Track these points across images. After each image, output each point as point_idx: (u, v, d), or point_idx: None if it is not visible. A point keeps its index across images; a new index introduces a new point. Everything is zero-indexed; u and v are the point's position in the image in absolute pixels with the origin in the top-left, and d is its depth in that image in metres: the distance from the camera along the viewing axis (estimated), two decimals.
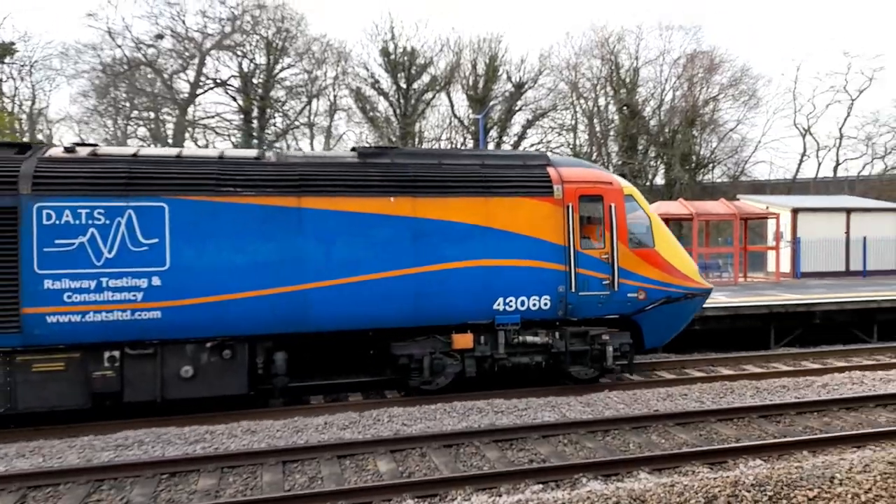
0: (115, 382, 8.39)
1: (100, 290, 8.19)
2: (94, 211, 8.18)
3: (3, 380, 8.04)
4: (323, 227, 8.93)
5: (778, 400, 9.45)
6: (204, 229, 8.53)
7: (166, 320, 8.40)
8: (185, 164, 8.79)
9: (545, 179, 9.94)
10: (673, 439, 7.96)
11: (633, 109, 42.02)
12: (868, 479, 6.20)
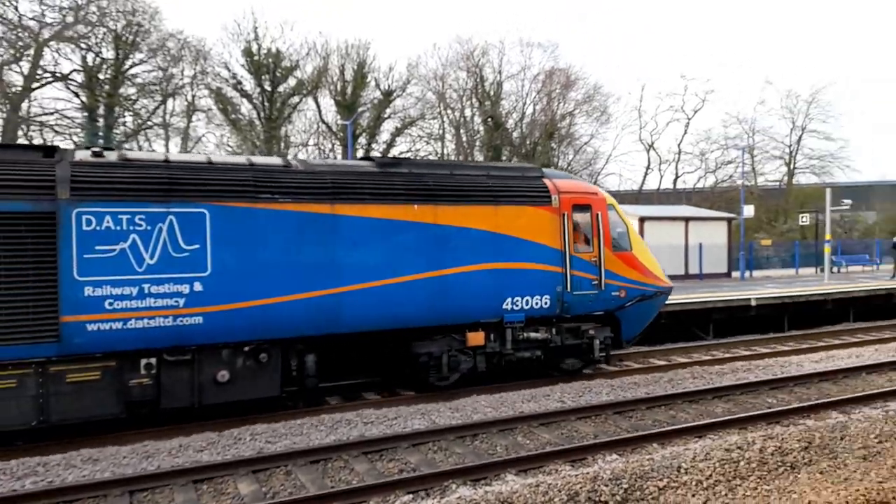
0: (151, 390, 8.29)
1: (142, 296, 8.04)
2: (136, 217, 8.04)
3: (36, 391, 7.68)
4: (355, 232, 9.26)
5: (630, 396, 10.08)
6: (243, 235, 8.59)
7: (208, 325, 8.37)
8: (224, 171, 8.80)
9: (544, 190, 10.81)
10: (537, 439, 8.23)
11: (497, 121, 43.63)
12: (709, 466, 6.76)
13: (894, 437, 7.70)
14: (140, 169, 8.35)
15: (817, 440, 7.52)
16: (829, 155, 49.34)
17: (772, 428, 8.32)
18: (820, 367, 12.03)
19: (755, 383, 10.71)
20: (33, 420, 7.73)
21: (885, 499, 5.87)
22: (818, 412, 9.09)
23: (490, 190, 10.41)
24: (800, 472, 6.73)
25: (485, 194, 10.33)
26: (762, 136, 50.65)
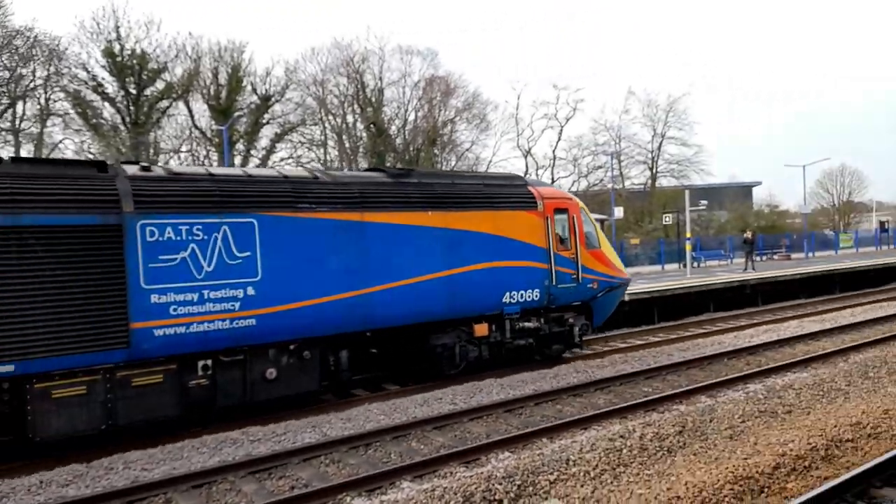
0: (208, 390, 8.77)
1: (202, 301, 8.51)
2: (193, 227, 8.52)
3: (104, 397, 8.00)
4: (381, 237, 10.17)
5: (519, 393, 10.34)
6: (287, 242, 9.26)
7: (259, 327, 8.95)
8: (265, 183, 9.46)
9: (531, 196, 12.15)
10: (431, 443, 8.22)
11: (380, 128, 43.57)
12: (595, 456, 7.05)
13: (755, 416, 8.43)
14: (191, 182, 8.91)
15: (689, 424, 8.08)
16: (686, 160, 53.77)
17: (649, 415, 8.84)
18: (688, 355, 12.97)
19: (632, 374, 11.36)
20: (102, 424, 8.04)
21: (750, 473, 6.39)
22: (689, 398, 9.79)
23: (488, 197, 11.66)
24: (676, 455, 7.18)
25: (484, 201, 11.55)
26: (628, 143, 54.31)
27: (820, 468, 6.71)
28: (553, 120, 51.34)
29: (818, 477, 6.48)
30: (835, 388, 9.73)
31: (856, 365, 11.18)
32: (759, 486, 6.22)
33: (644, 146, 54.33)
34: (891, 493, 5.97)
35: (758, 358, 12.73)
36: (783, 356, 12.73)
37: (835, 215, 75.20)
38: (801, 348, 13.55)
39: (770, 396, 9.34)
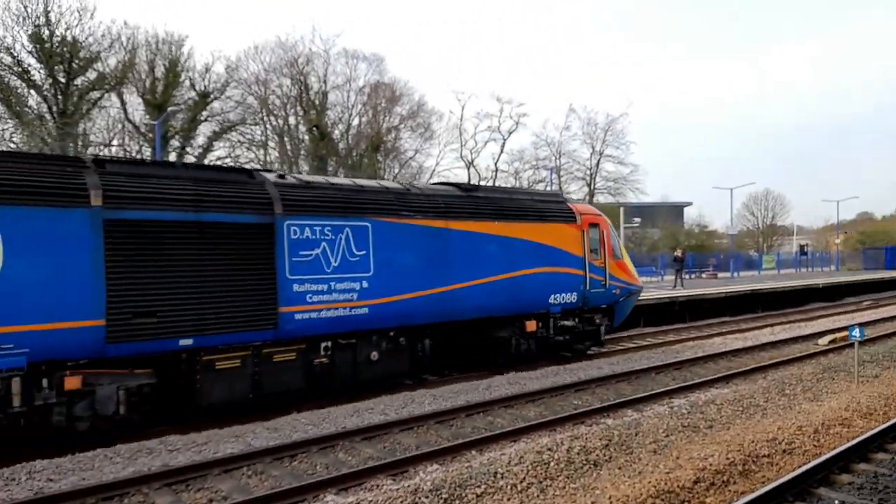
0: (327, 368, 10.29)
1: (330, 291, 10.09)
2: (325, 228, 10.11)
3: (252, 370, 9.40)
4: (460, 242, 11.89)
5: (451, 405, 10.28)
6: (392, 243, 10.92)
7: (370, 315, 10.57)
8: (375, 192, 11.20)
9: (571, 212, 14.18)
10: (359, 455, 8.04)
11: (323, 131, 42.92)
12: (522, 469, 7.05)
13: (678, 430, 8.64)
14: (321, 190, 10.55)
15: (616, 438, 8.20)
16: (623, 178, 55.13)
17: (577, 428, 8.93)
18: (617, 369, 13.23)
19: (563, 386, 11.49)
20: (249, 394, 9.46)
21: (672, 488, 6.52)
22: (616, 411, 9.96)
23: (538, 211, 13.51)
24: (602, 468, 7.26)
25: (535, 214, 13.37)
26: (567, 159, 55.31)
27: (737, 483, 6.91)
28: (496, 132, 51.89)
29: (735, 492, 6.67)
30: (754, 404, 10.10)
31: (774, 382, 11.66)
32: (679, 501, 6.34)
33: (583, 163, 55.55)
34: None
35: (683, 373, 13.11)
36: (707, 372, 13.16)
37: (759, 237, 79.05)
38: (724, 364, 14.05)
39: (693, 411, 9.60)
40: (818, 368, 12.85)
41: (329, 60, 43.73)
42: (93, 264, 8.12)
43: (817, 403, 10.10)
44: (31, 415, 7.81)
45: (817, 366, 13.22)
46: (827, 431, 8.61)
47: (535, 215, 13.36)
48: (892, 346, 15.71)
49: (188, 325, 8.75)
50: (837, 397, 10.47)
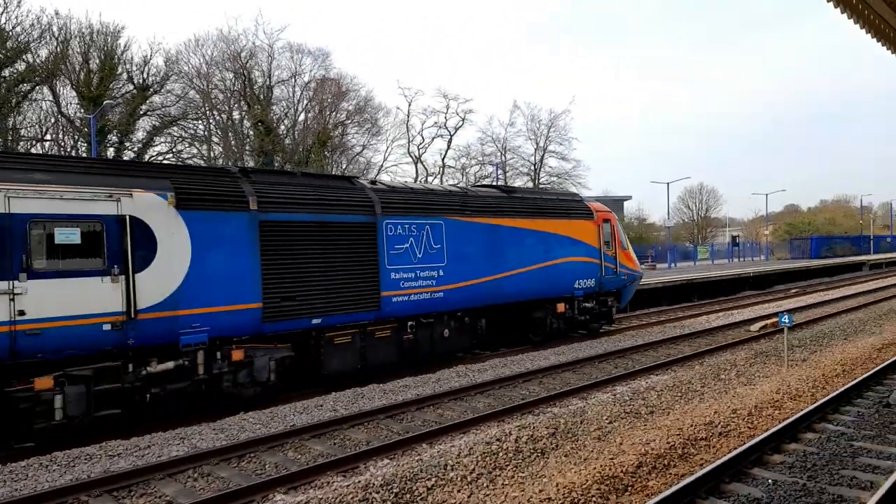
0: (412, 343, 12.27)
1: (416, 279, 12.10)
2: (411, 226, 12.15)
3: (360, 344, 11.41)
4: (506, 236, 14.05)
5: (402, 398, 10.32)
6: (460, 238, 13.05)
7: (444, 299, 12.67)
8: (444, 195, 13.40)
9: (589, 210, 16.69)
10: (309, 452, 7.99)
11: (269, 126, 42.11)
12: (472, 460, 7.15)
13: (621, 417, 8.92)
14: (406, 193, 12.79)
15: (562, 426, 8.41)
16: (566, 173, 56.13)
17: (525, 418, 9.11)
18: (562, 358, 13.53)
19: (510, 377, 11.68)
20: (357, 365, 11.41)
21: (616, 473, 6.74)
22: (562, 400, 10.20)
23: (564, 209, 15.96)
24: (549, 457, 7.44)
25: (563, 212, 15.81)
26: (512, 154, 55.94)
27: (678, 466, 7.20)
28: (443, 129, 51.99)
29: (676, 474, 6.94)
30: (692, 389, 10.51)
31: (710, 367, 12.15)
32: (623, 485, 6.57)
33: (528, 158, 56.28)
34: (738, 487, 6.51)
35: (625, 361, 13.51)
36: (647, 359, 13.60)
37: (694, 229, 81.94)
38: (664, 352, 14.55)
39: (635, 398, 9.92)
40: (751, 354, 13.46)
41: (273, 55, 42.95)
42: (252, 257, 10.06)
43: (750, 387, 10.59)
44: (210, 382, 9.65)
45: (750, 351, 13.84)
46: (760, 414, 9.04)
47: (562, 212, 15.84)
48: (817, 331, 16.57)
49: (318, 307, 10.86)
50: (769, 381, 11.00)
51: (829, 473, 6.78)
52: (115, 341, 8.61)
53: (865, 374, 10.82)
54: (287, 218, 10.51)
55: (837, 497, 6.16)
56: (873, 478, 6.59)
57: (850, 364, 12.35)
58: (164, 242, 9.10)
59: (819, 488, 6.35)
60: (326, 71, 45.54)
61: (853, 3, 6.30)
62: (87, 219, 8.53)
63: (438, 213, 12.82)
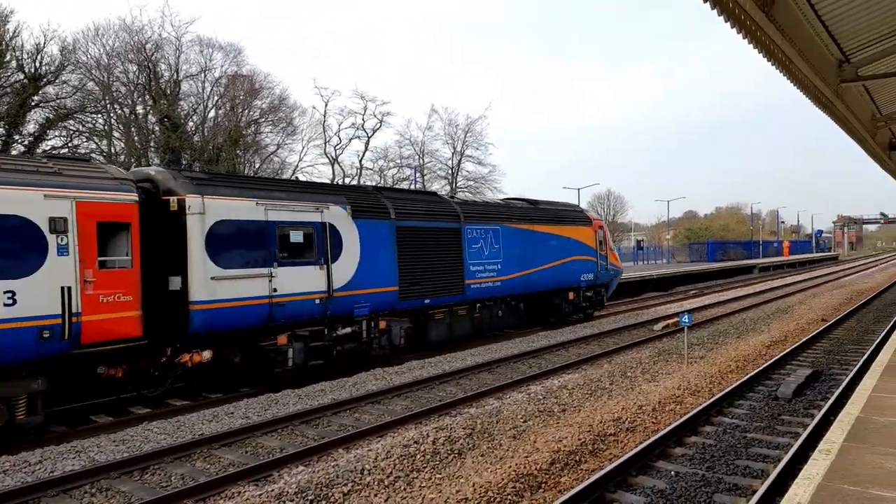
0: (478, 320, 16.20)
1: (484, 271, 16.02)
2: (480, 230, 16.09)
3: (449, 320, 15.34)
4: (538, 240, 18.02)
5: (317, 403, 10.12)
6: (510, 240, 16.93)
7: (501, 287, 16.54)
8: (498, 206, 17.85)
9: (588, 218, 21.21)
10: (219, 462, 7.68)
11: (176, 122, 40.24)
12: (389, 464, 7.11)
13: (535, 415, 9.14)
14: (476, 205, 17.02)
15: (479, 426, 8.51)
16: (482, 177, 57.05)
17: (442, 419, 9.16)
18: (478, 359, 13.71)
19: (429, 379, 11.72)
20: (447, 336, 15.09)
21: (530, 470, 6.89)
22: (479, 400, 10.33)
23: (571, 218, 20.33)
24: (466, 457, 7.51)
25: (572, 220, 20.20)
26: (430, 158, 56.23)
27: (588, 461, 7.45)
28: (360, 130, 51.52)
29: (587, 470, 7.19)
30: (601, 387, 10.92)
31: (617, 366, 12.67)
32: (537, 483, 6.72)
33: (445, 162, 56.79)
34: (644, 480, 6.81)
35: (539, 361, 13.87)
36: (559, 359, 14.02)
37: None
38: (575, 351, 15.04)
39: (548, 396, 10.20)
40: (654, 352, 14.15)
41: (181, 48, 41.08)
42: (392, 252, 13.62)
43: (655, 384, 11.12)
44: (367, 344, 13.00)
45: (654, 349, 14.55)
46: (663, 409, 9.52)
47: (571, 220, 20.10)
48: (714, 329, 17.65)
49: (428, 291, 14.44)
50: (671, 377, 11.60)
51: (726, 464, 7.23)
52: (321, 312, 12.03)
53: (756, 370, 11.62)
54: (411, 224, 14.26)
55: (733, 485, 6.58)
56: (764, 466, 7.08)
57: (743, 360, 13.22)
58: (346, 241, 12.63)
59: (717, 478, 6.75)
60: (239, 67, 44.07)
61: (748, 24, 6.76)
62: (306, 225, 11.91)
63: (496, 221, 16.81)
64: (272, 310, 11.04)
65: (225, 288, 10.41)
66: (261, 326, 10.95)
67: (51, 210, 8.55)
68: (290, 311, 11.35)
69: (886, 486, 4.58)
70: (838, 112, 11.15)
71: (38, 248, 8.40)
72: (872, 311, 22.20)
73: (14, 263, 8.18)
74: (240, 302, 10.62)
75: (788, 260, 64.96)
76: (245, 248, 10.84)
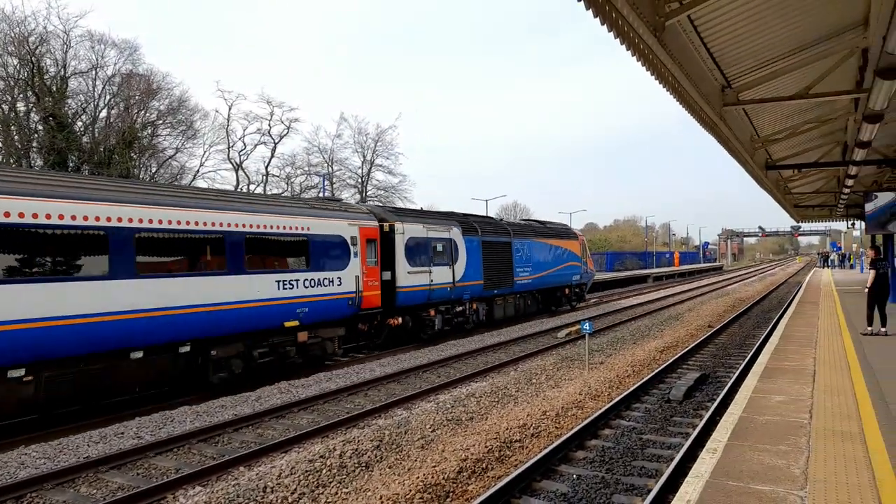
0: (517, 306, 23.47)
1: (523, 272, 23.16)
2: (521, 243, 23.30)
3: (504, 305, 22.24)
4: (550, 250, 25.68)
5: (217, 420, 9.68)
6: (536, 250, 24.48)
7: (531, 283, 23.92)
8: (530, 226, 26.12)
9: (576, 234, 29.25)
10: (107, 487, 7.18)
11: (62, 122, 37.55)
12: (294, 480, 6.90)
13: (444, 424, 9.18)
14: (518, 224, 26.18)
15: (387, 437, 8.44)
16: (392, 187, 57.06)
17: (350, 432, 9.01)
18: (388, 370, 13.63)
19: (335, 391, 11.50)
20: (502, 316, 22.40)
21: (438, 480, 6.90)
22: (387, 411, 10.25)
23: (567, 234, 28.11)
24: (373, 469, 7.42)
25: (567, 235, 27.87)
26: (339, 166, 55.61)
27: (495, 468, 7.56)
28: (266, 136, 50.16)
29: (493, 477, 7.28)
30: (507, 394, 11.13)
31: (523, 373, 12.98)
32: (445, 492, 6.74)
33: (355, 171, 56.36)
34: (548, 484, 6.99)
35: (447, 370, 13.96)
36: (467, 367, 14.18)
37: None
38: (482, 359, 15.27)
39: (456, 405, 10.28)
40: (558, 358, 14.61)
41: (70, 42, 38.47)
42: (480, 258, 20.26)
43: (558, 390, 11.47)
44: (464, 320, 19.85)
45: (557, 356, 15.02)
46: (566, 414, 9.82)
47: (567, 236, 27.86)
48: (612, 336, 18.47)
49: (494, 285, 21.00)
50: (573, 383, 12.01)
51: (623, 465, 7.55)
52: (448, 296, 18.54)
53: (651, 374, 12.25)
54: (488, 239, 21.22)
55: (630, 486, 6.88)
56: (658, 466, 7.45)
57: (639, 365, 13.90)
58: (460, 251, 19.31)
59: (615, 479, 7.04)
60: (134, 65, 41.80)
61: (641, 47, 7.17)
62: (444, 240, 18.54)
63: (528, 237, 24.14)
64: (430, 293, 17.80)
65: (411, 279, 17.02)
66: (423, 304, 17.74)
67: (351, 232, 14.95)
68: (436, 294, 18.12)
69: (765, 481, 4.94)
70: (722, 133, 11.99)
71: (347, 253, 14.73)
72: (753, 317, 24.00)
73: (339, 262, 14.41)
74: (417, 287, 17.23)
75: (679, 270, 69.14)
76: (420, 255, 17.47)
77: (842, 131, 15.06)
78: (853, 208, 29.33)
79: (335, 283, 14.13)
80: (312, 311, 13.44)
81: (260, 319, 12.19)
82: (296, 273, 13.09)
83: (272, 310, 12.45)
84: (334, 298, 14.10)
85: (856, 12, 8.43)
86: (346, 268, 14.43)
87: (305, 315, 13.24)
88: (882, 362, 9.71)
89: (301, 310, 13.11)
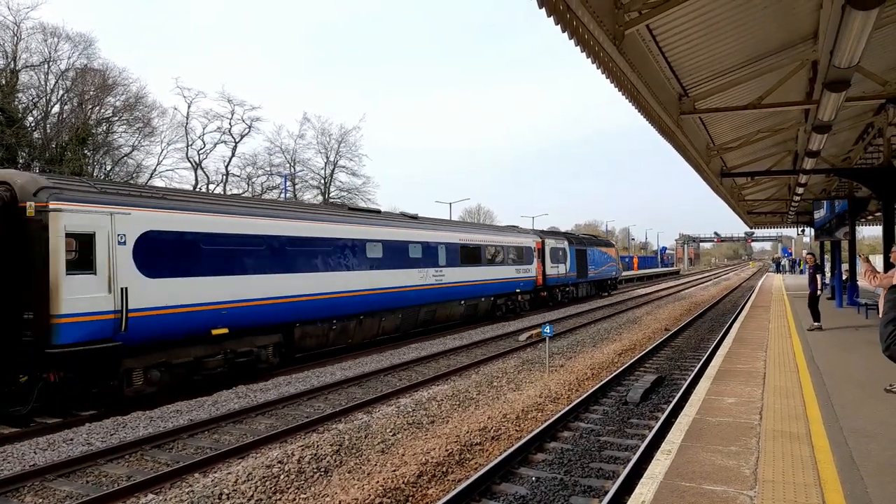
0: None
1: (592, 269, 37.18)
2: (589, 250, 36.87)
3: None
4: (602, 255, 39.67)
5: (171, 426, 9.46)
6: (595, 254, 38.14)
7: (594, 277, 37.78)
8: (589, 238, 40.62)
9: (612, 244, 48.63)
10: (54, 496, 6.94)
11: (11, 116, 36.25)
12: (250, 486, 6.79)
13: (405, 428, 9.15)
14: (586, 238, 39.96)
15: (346, 442, 8.37)
16: (356, 188, 56.76)
17: (309, 436, 8.90)
18: (349, 373, 13.53)
19: (294, 395, 11.36)
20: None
21: (398, 484, 6.87)
22: (347, 415, 10.16)
23: (608, 243, 45.29)
24: (333, 475, 7.34)
25: (608, 244, 43.95)
26: (302, 167, 55.06)
27: (455, 472, 7.57)
28: (227, 135, 49.33)
29: (453, 480, 7.29)
30: (468, 397, 11.16)
31: (485, 376, 13.03)
32: (404, 496, 6.72)
33: (318, 172, 55.87)
34: (507, 487, 7.03)
35: (409, 373, 13.93)
36: (429, 370, 14.17)
37: None
38: (444, 363, 15.28)
39: (417, 409, 10.26)
40: (519, 362, 14.72)
41: (20, 35, 37.23)
42: (575, 260, 34.25)
43: (519, 393, 11.55)
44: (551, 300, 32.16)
45: (518, 359, 15.13)
46: (526, 417, 9.90)
47: (607, 245, 41.57)
48: (572, 340, 18.70)
49: (580, 277, 35.04)
50: (534, 386, 12.11)
51: (582, 467, 7.64)
52: (565, 281, 32.67)
53: (609, 377, 12.44)
54: (578, 248, 34.07)
55: (588, 487, 6.97)
56: (615, 468, 7.57)
57: (598, 368, 14.11)
58: (568, 255, 32.77)
59: (573, 481, 7.12)
60: (89, 60, 40.68)
61: (601, 55, 7.30)
62: (562, 249, 32.27)
63: (593, 246, 35.73)
64: (557, 279, 30.99)
65: (551, 270, 30.36)
66: (554, 285, 30.82)
67: (533, 245, 28.67)
68: (560, 280, 31.09)
69: (716, 481, 5.07)
70: (679, 141, 12.27)
71: (532, 256, 28.33)
72: (707, 321, 24.61)
73: (531, 260, 28.11)
74: (553, 276, 30.69)
75: (638, 274, 70.43)
76: (553, 257, 30.53)
77: (793, 141, 15.59)
78: (803, 215, 30.45)
79: (531, 271, 27.90)
80: (524, 284, 27.19)
81: (506, 287, 25.59)
82: (518, 265, 26.70)
83: (510, 284, 25.87)
84: (531, 279, 27.91)
85: (806, 26, 8.74)
86: (532, 263, 28.10)
87: (522, 286, 26.86)
88: (828, 364, 10.06)
89: (521, 284, 26.84)
